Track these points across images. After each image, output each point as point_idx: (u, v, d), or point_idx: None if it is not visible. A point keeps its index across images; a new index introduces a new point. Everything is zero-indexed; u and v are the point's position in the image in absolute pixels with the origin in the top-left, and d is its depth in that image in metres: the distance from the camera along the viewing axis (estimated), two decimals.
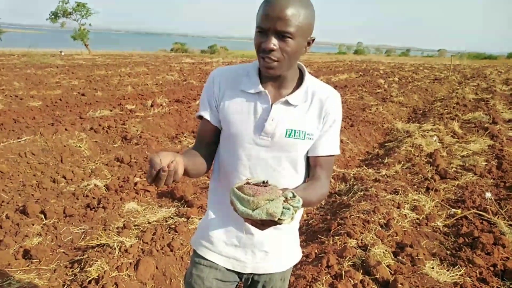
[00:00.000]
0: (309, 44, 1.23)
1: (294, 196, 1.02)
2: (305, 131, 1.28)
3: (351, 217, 3.55)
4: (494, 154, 5.75)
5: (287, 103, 1.27)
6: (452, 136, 6.81)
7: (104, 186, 4.37)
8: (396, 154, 5.66)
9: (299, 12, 1.13)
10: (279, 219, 0.96)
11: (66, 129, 6.00)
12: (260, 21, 1.15)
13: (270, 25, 1.12)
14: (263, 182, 1.05)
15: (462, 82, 17.22)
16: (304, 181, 1.37)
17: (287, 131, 1.26)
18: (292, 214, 0.99)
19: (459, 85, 15.81)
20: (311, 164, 1.34)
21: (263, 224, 1.01)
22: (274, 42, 1.15)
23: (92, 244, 3.17)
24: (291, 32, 1.13)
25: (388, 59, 45.69)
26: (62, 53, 25.46)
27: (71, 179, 4.57)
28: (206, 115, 1.33)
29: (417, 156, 5.57)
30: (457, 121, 7.82)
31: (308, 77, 1.32)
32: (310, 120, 1.29)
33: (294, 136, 1.27)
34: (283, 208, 0.98)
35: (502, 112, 9.12)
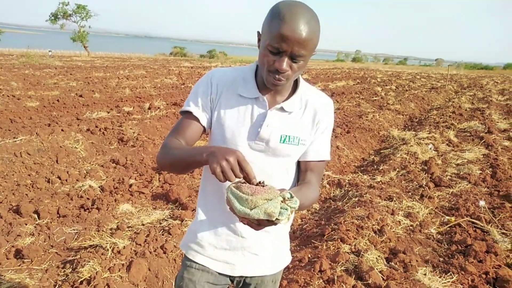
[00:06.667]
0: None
1: (292, 197, 1.02)
2: (299, 137, 1.29)
3: (345, 222, 3.56)
4: (488, 163, 5.78)
5: (282, 109, 1.28)
6: (447, 144, 6.84)
7: (99, 187, 4.36)
8: (391, 161, 5.68)
9: (314, 34, 1.12)
10: (276, 219, 0.96)
11: (62, 130, 6.00)
12: (275, 40, 1.11)
13: (287, 47, 1.10)
14: (259, 182, 1.05)
15: (458, 91, 17.34)
16: (294, 185, 1.38)
17: (281, 137, 1.27)
18: (289, 214, 0.99)
19: (456, 94, 15.93)
20: (302, 168, 1.35)
21: (259, 224, 1.01)
22: (287, 64, 1.14)
23: (85, 245, 3.16)
24: (305, 55, 1.14)
25: (385, 67, 45.96)
26: (50, 53, 25.34)
27: (66, 180, 4.55)
28: (197, 113, 1.29)
29: (412, 163, 5.59)
30: (452, 129, 7.87)
31: (302, 84, 1.33)
32: (304, 126, 1.31)
33: (289, 142, 1.28)
34: (281, 208, 0.98)
35: (497, 122, 9.18)
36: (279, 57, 1.14)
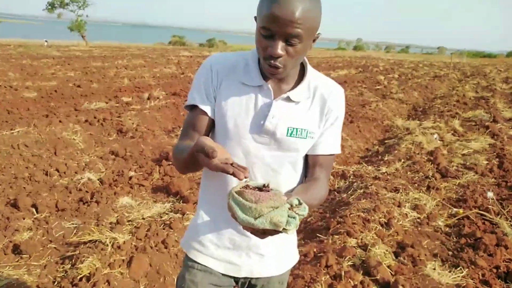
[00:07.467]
0: (314, 41, 1.12)
1: (300, 203, 0.92)
2: (307, 129, 1.19)
3: (351, 215, 3.47)
4: (495, 153, 5.68)
5: (288, 99, 1.18)
6: (452, 134, 6.73)
7: (98, 180, 4.27)
8: (396, 151, 5.58)
9: (310, 12, 1.01)
10: (283, 228, 0.86)
11: (60, 121, 5.88)
12: (266, 21, 1.02)
13: (278, 28, 1.01)
14: (264, 185, 0.94)
15: (462, 80, 17.16)
16: (301, 181, 1.29)
17: (288, 129, 1.17)
18: (297, 223, 0.88)
19: (459, 82, 15.75)
20: (310, 163, 1.25)
21: (264, 233, 0.91)
22: (282, 47, 1.04)
23: (84, 240, 3.07)
24: (301, 36, 1.02)
25: (387, 55, 45.54)
26: (47, 43, 24.89)
27: (64, 172, 4.46)
28: (203, 106, 1.20)
29: (418, 153, 5.48)
30: (457, 119, 7.74)
31: (310, 71, 1.23)
32: (312, 117, 1.20)
33: (296, 135, 1.18)
34: (288, 216, 0.87)
35: (502, 111, 9.04)
36: (272, 41, 1.03)
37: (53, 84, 9.94)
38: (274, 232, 0.89)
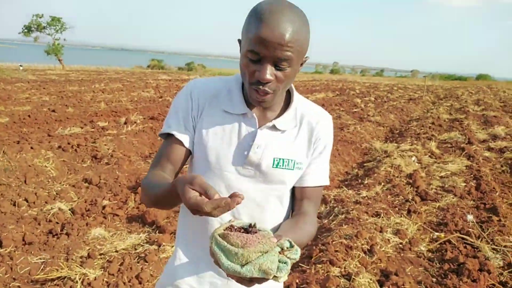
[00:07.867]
0: (301, 64, 1.06)
1: (291, 246, 0.82)
2: (294, 160, 1.11)
3: (333, 242, 3.38)
4: (472, 175, 5.76)
5: (274, 128, 1.11)
6: (430, 156, 6.81)
7: (69, 210, 4.06)
8: (375, 174, 5.57)
9: (300, 34, 0.95)
10: (274, 276, 0.77)
11: (32, 148, 5.64)
12: (254, 44, 0.95)
13: (267, 51, 0.94)
14: (250, 225, 0.85)
15: (435, 102, 17.65)
16: (288, 216, 1.20)
17: (274, 160, 1.09)
18: (289, 269, 0.79)
19: (433, 105, 16.18)
20: (297, 196, 1.17)
21: (251, 281, 0.80)
22: (271, 72, 0.97)
23: (51, 277, 2.87)
24: (291, 60, 0.96)
25: (363, 79, 46.69)
26: (22, 67, 24.29)
27: (34, 202, 4.22)
28: (180, 135, 1.11)
29: (397, 176, 5.50)
30: (434, 141, 7.87)
31: (296, 98, 1.16)
32: (300, 147, 1.13)
33: (282, 166, 1.10)
34: (279, 261, 0.77)
35: (476, 132, 9.27)
36: (260, 65, 0.97)
37: (27, 108, 9.65)
38: (262, 280, 0.79)
